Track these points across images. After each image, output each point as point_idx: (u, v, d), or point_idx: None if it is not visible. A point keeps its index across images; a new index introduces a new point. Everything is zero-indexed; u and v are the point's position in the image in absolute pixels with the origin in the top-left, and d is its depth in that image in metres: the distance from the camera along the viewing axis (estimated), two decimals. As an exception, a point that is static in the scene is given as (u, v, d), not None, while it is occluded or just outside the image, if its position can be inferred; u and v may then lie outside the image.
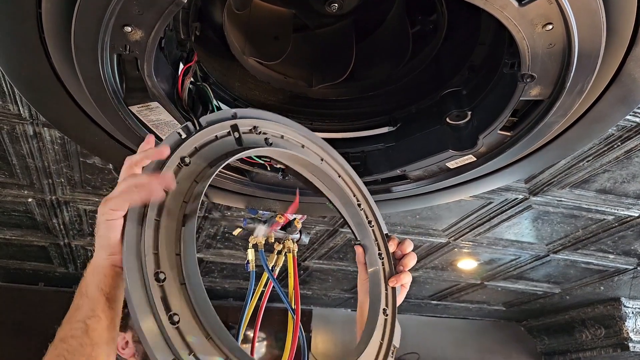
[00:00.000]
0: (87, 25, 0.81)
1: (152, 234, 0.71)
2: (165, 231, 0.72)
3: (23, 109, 2.21)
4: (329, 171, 1.03)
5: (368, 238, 1.04)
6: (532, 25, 0.78)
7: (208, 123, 0.85)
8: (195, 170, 0.81)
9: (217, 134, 0.86)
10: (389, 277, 1.01)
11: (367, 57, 1.26)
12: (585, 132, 1.06)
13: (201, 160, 0.82)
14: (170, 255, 0.71)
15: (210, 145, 0.85)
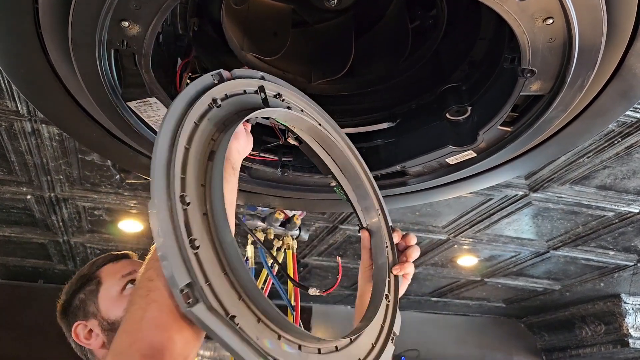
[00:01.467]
0: (84, 20, 0.80)
1: (181, 159, 0.69)
2: (192, 160, 0.71)
3: (21, 105, 2.20)
4: (345, 150, 1.03)
5: (376, 223, 1.03)
6: (532, 19, 0.77)
7: (238, 76, 0.86)
8: (224, 114, 0.80)
9: (245, 89, 0.86)
10: (392, 266, 1.01)
11: (366, 52, 1.25)
12: (585, 128, 1.05)
13: (230, 106, 0.81)
14: (197, 184, 0.69)
15: (238, 97, 0.84)
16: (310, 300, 5.07)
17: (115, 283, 1.18)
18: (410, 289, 5.63)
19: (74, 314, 1.18)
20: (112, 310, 1.15)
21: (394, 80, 1.26)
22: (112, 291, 1.17)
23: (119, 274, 1.19)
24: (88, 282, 1.20)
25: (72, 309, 1.19)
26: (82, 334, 1.15)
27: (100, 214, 3.31)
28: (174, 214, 0.64)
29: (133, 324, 0.66)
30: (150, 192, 0.65)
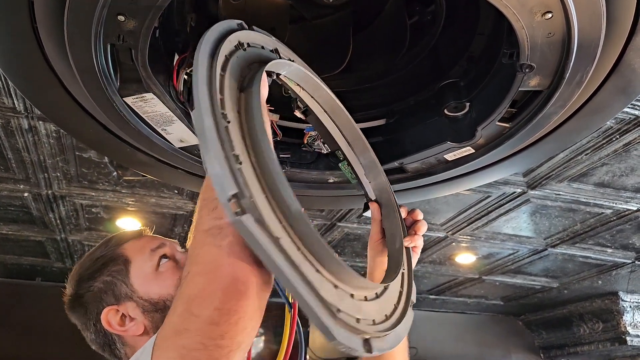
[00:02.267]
0: (80, 14, 0.80)
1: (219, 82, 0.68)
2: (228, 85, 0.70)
3: (18, 102, 2.19)
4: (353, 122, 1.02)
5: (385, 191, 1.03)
6: (531, 14, 0.77)
7: (258, 31, 0.86)
8: (249, 58, 0.79)
9: (263, 45, 0.85)
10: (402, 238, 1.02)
11: (364, 48, 1.25)
12: (584, 124, 1.05)
13: (252, 54, 0.81)
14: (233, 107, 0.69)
15: (258, 49, 0.83)
16: (309, 298, 5.06)
17: (147, 259, 1.04)
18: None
19: (98, 300, 1.03)
20: (152, 289, 1.01)
21: (392, 76, 1.26)
22: (146, 268, 1.03)
23: (148, 249, 1.05)
24: (111, 262, 1.05)
25: (93, 294, 1.03)
26: (115, 320, 1.00)
27: (97, 211, 3.30)
28: (219, 128, 0.62)
29: (208, 263, 0.62)
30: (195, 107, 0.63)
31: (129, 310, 1.00)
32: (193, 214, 2.25)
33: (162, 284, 1.01)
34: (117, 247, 1.07)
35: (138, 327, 0.99)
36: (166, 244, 1.07)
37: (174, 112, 1.01)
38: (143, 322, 0.99)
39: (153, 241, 1.07)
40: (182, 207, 3.20)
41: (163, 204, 3.15)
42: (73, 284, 1.07)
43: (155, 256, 1.04)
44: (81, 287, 1.05)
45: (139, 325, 0.99)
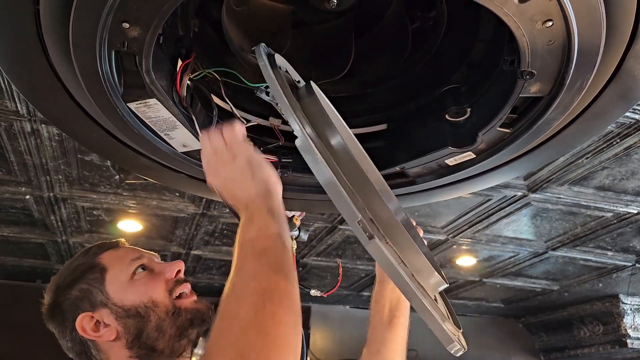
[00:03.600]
0: (86, 21, 0.80)
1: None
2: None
3: (21, 105, 2.20)
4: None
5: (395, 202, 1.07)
6: (532, 21, 0.78)
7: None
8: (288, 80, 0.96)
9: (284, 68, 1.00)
10: None
11: (366, 53, 1.26)
12: (584, 129, 1.06)
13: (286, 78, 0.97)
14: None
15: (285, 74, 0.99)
16: (309, 300, 5.07)
17: (124, 269, 1.06)
18: (409, 289, 5.57)
19: (75, 307, 1.06)
20: (126, 296, 1.03)
21: (394, 81, 1.27)
22: (121, 277, 1.05)
23: (127, 259, 1.08)
24: (89, 271, 1.08)
25: (71, 302, 1.07)
26: (89, 326, 1.02)
27: (99, 214, 3.31)
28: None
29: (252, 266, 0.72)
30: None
31: (104, 317, 1.02)
32: (194, 216, 2.28)
33: (136, 292, 1.03)
34: (95, 256, 1.10)
35: (111, 333, 1.01)
36: (145, 255, 1.11)
37: (177, 117, 1.01)
38: (116, 328, 1.01)
39: (132, 252, 1.11)
40: (183, 210, 3.21)
41: (164, 206, 3.16)
42: (51, 293, 1.10)
43: (133, 266, 1.07)
44: (59, 295, 1.08)
45: (112, 331, 1.01)
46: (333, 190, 0.83)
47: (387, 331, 1.09)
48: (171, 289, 1.04)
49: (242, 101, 1.23)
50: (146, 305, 1.01)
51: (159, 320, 1.00)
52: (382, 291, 1.10)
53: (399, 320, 1.09)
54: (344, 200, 0.82)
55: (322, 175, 0.83)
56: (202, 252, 3.96)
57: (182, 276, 1.08)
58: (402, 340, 1.10)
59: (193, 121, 1.03)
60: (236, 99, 1.23)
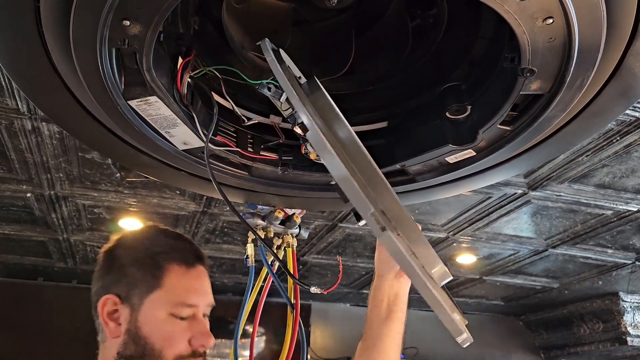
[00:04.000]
0: (86, 19, 0.80)
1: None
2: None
3: (21, 103, 2.20)
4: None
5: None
6: (532, 19, 0.78)
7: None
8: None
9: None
10: None
11: (366, 51, 1.26)
12: (585, 127, 1.06)
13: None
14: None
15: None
16: (309, 298, 5.07)
17: (170, 303, 0.96)
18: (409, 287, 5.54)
19: (117, 278, 0.98)
20: (148, 327, 0.94)
21: (394, 79, 1.27)
22: (161, 309, 0.95)
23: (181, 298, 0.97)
24: (151, 269, 0.98)
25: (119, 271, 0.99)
26: (108, 309, 0.96)
27: (100, 212, 3.31)
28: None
29: None
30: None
31: (122, 315, 0.96)
32: (195, 214, 2.29)
33: (157, 332, 0.95)
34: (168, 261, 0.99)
35: (115, 332, 0.96)
36: (198, 305, 0.99)
37: (177, 115, 1.01)
38: (120, 334, 0.95)
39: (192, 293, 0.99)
40: (184, 208, 3.21)
41: (165, 204, 3.16)
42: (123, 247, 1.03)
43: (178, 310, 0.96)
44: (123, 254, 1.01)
45: (117, 331, 0.95)
46: (345, 183, 0.86)
47: (384, 326, 1.09)
48: (181, 355, 0.95)
49: (242, 99, 1.23)
50: (154, 351, 0.93)
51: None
52: (380, 286, 1.10)
53: (396, 315, 1.09)
54: (356, 192, 0.85)
55: (335, 167, 0.87)
56: (203, 250, 3.96)
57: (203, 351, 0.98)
58: (398, 335, 1.10)
59: (194, 119, 1.04)
60: (236, 96, 1.23)
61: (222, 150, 1.15)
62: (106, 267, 1.01)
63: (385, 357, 1.08)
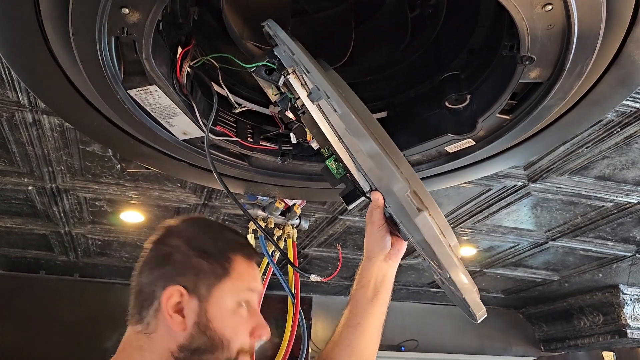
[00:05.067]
0: (85, 7, 0.81)
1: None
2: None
3: (22, 96, 2.20)
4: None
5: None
6: (531, 5, 0.78)
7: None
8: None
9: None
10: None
11: (366, 41, 1.26)
12: (584, 115, 1.06)
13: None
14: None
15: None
16: (311, 291, 5.09)
17: (239, 290, 0.96)
18: (409, 280, 5.59)
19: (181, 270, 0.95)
20: (218, 318, 0.93)
21: (394, 68, 1.27)
22: (230, 297, 0.95)
23: (248, 284, 0.97)
24: (219, 259, 0.96)
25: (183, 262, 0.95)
26: (173, 302, 0.92)
27: (101, 204, 3.32)
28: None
29: None
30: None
31: (189, 307, 0.92)
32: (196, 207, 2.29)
33: (227, 324, 0.94)
34: (235, 252, 0.99)
35: (180, 325, 0.92)
36: (258, 290, 1.01)
37: (177, 104, 1.02)
38: (186, 326, 0.92)
39: (256, 281, 1.01)
40: (185, 200, 3.21)
41: (166, 197, 3.16)
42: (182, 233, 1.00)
43: (244, 296, 0.97)
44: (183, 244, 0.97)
45: (182, 324, 0.92)
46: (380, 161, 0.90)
47: (370, 306, 1.10)
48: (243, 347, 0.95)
49: (244, 90, 1.24)
50: (223, 341, 0.92)
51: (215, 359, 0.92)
52: (369, 267, 1.12)
53: (382, 296, 1.11)
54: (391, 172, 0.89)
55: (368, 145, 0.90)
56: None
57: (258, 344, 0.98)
58: (382, 315, 1.12)
59: (193, 108, 1.04)
60: (237, 87, 1.24)
61: (222, 140, 1.16)
62: (162, 258, 0.97)
63: (368, 335, 1.10)
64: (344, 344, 1.10)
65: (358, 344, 1.10)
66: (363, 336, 1.10)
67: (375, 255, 1.11)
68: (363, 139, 0.91)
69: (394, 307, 5.75)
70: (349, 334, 1.11)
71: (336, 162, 1.08)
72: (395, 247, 1.10)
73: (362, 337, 1.10)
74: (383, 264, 1.11)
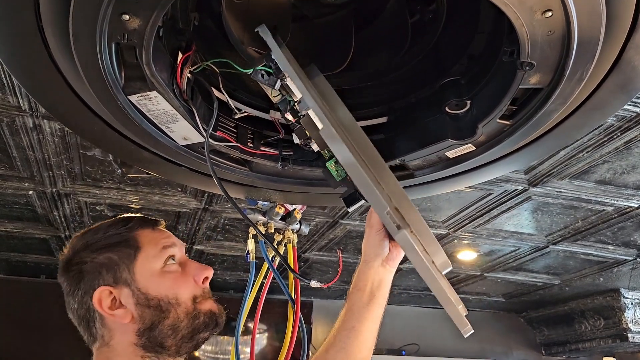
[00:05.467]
0: (85, 13, 0.81)
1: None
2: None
3: (22, 100, 2.21)
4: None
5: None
6: (531, 12, 0.78)
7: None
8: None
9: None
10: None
11: (366, 46, 1.26)
12: (584, 121, 1.06)
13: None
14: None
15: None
16: (311, 295, 5.08)
17: (157, 255, 1.02)
18: (409, 284, 5.60)
19: (97, 273, 0.99)
20: (152, 285, 0.98)
21: (394, 74, 1.27)
22: (153, 263, 1.00)
23: (160, 245, 1.03)
24: (123, 243, 1.02)
25: (94, 266, 1.00)
26: (107, 301, 0.97)
27: (102, 209, 3.32)
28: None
29: None
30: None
31: (122, 296, 0.97)
32: (196, 211, 2.30)
33: (164, 285, 0.99)
34: (133, 230, 1.05)
35: (126, 315, 0.97)
36: (177, 244, 1.06)
37: (177, 110, 1.01)
38: (132, 312, 0.97)
39: (167, 238, 1.06)
40: (185, 205, 3.21)
41: (166, 201, 3.17)
42: (76, 249, 1.04)
43: (165, 254, 1.02)
44: (85, 255, 1.02)
45: (128, 313, 0.97)
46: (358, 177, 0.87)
47: (365, 309, 1.10)
48: (195, 295, 1.01)
49: (244, 95, 1.24)
50: (169, 301, 0.98)
51: (177, 320, 0.97)
52: (366, 271, 1.12)
53: (378, 300, 1.11)
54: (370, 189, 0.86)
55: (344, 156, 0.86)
56: (205, 247, 3.97)
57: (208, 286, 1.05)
58: (377, 319, 1.12)
59: (194, 114, 1.04)
60: (238, 92, 1.24)
61: (223, 146, 1.16)
62: (75, 279, 1.01)
63: (363, 339, 1.10)
64: (338, 346, 1.12)
65: (352, 347, 1.10)
66: (357, 339, 1.10)
67: (372, 259, 1.11)
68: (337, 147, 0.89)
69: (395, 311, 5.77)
70: (343, 336, 1.11)
71: (336, 164, 1.08)
72: (393, 252, 1.10)
73: (357, 340, 1.10)
74: (380, 268, 1.11)
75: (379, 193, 0.85)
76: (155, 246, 1.03)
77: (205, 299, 1.02)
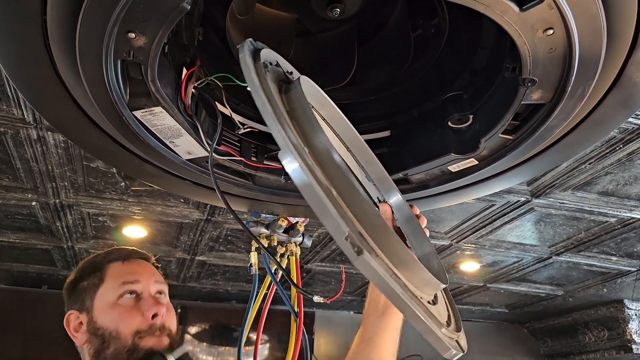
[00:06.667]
0: (92, 31, 0.82)
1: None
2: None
3: (27, 113, 2.22)
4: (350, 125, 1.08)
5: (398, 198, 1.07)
6: (533, 30, 0.78)
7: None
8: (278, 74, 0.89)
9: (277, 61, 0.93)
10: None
11: (369, 61, 1.27)
12: (586, 136, 1.06)
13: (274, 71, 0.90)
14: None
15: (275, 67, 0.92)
16: (313, 305, 5.06)
17: (115, 288, 1.12)
18: (413, 295, 5.56)
19: (74, 299, 1.16)
20: (101, 316, 1.10)
21: (396, 88, 1.27)
22: (108, 295, 1.12)
23: (121, 279, 1.13)
24: (94, 273, 1.16)
25: (76, 292, 1.16)
26: (73, 324, 1.13)
27: (104, 220, 3.33)
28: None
29: None
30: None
31: (84, 322, 1.12)
32: (199, 222, 2.30)
33: (110, 317, 1.09)
34: (106, 262, 1.17)
35: (82, 339, 1.11)
36: (141, 281, 1.15)
37: (182, 125, 1.02)
38: (85, 337, 1.10)
39: (131, 275, 1.15)
40: (188, 216, 3.22)
41: (169, 212, 3.17)
42: (74, 273, 1.20)
43: (123, 288, 1.12)
44: (74, 278, 1.18)
45: (80, 338, 1.11)
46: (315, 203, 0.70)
47: (381, 320, 1.10)
48: (139, 329, 1.07)
49: (248, 109, 1.24)
50: (110, 333, 1.07)
51: (116, 352, 1.06)
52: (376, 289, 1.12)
53: (393, 310, 1.10)
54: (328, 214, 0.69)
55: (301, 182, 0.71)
56: (207, 257, 3.97)
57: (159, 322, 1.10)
58: (395, 330, 1.11)
59: (198, 129, 1.04)
60: (241, 106, 1.24)
61: (226, 160, 1.16)
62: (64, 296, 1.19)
63: (380, 351, 1.09)
64: (360, 357, 1.11)
65: (372, 355, 1.09)
66: (375, 351, 1.09)
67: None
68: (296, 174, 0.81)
69: (397, 323, 5.63)
70: (362, 348, 1.11)
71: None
72: None
73: (375, 351, 1.09)
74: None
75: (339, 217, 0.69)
76: (116, 280, 1.13)
77: (150, 336, 1.07)
